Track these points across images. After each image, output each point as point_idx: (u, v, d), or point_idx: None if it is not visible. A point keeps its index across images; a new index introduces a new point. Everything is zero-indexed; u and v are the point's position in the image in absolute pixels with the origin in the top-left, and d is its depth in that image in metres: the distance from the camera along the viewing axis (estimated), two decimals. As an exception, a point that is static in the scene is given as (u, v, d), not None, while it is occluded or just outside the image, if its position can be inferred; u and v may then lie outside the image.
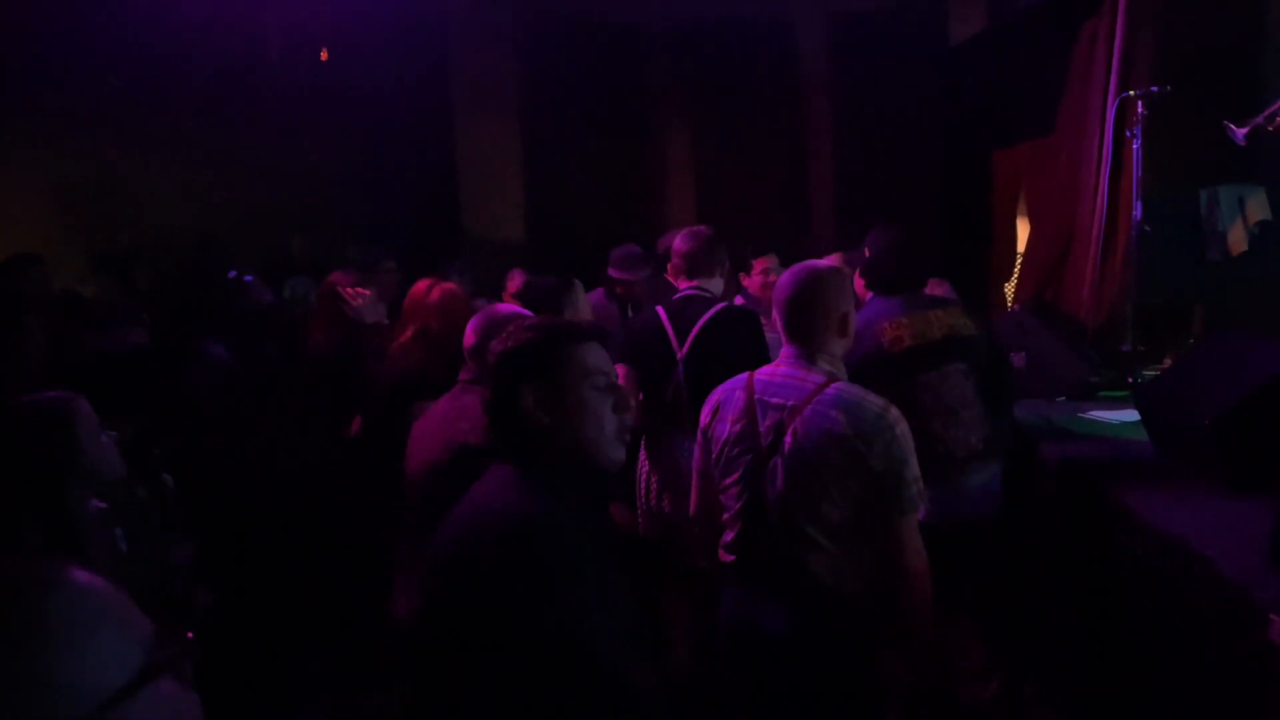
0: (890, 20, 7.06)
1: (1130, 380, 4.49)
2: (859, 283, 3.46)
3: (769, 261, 4.76)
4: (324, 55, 7.09)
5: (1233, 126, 4.28)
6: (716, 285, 3.45)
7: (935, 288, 4.23)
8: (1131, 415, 3.87)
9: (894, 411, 2.43)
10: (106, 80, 6.78)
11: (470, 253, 6.79)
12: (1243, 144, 4.25)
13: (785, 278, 2.56)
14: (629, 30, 7.36)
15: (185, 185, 7.34)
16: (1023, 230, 6.16)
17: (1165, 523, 2.94)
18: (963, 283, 6.29)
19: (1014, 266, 6.08)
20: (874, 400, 2.42)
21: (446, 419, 2.56)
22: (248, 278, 4.92)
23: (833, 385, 2.43)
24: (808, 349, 2.50)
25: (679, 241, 3.50)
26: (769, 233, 6.82)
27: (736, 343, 3.36)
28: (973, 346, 3.36)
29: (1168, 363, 4.75)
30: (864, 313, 3.30)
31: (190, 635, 1.01)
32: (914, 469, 2.40)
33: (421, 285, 3.42)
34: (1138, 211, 4.60)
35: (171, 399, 3.14)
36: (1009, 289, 6.06)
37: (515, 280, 4.90)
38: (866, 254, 3.41)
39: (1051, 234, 5.28)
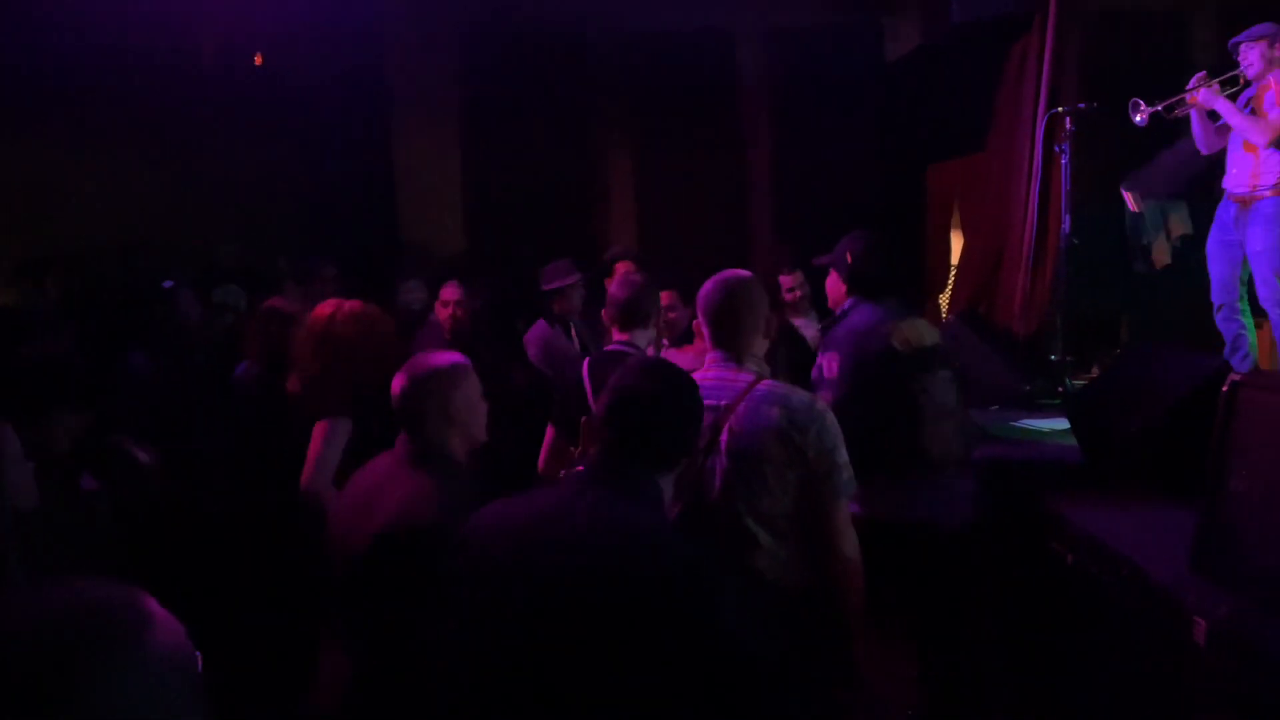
0: (828, 36, 7.16)
1: (1060, 389, 4.60)
2: (839, 287, 3.46)
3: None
4: (258, 60, 6.95)
5: (1141, 103, 4.50)
6: (645, 337, 3.37)
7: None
8: (1061, 423, 3.96)
9: (821, 402, 2.51)
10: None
11: (408, 263, 6.70)
12: (1141, 125, 4.60)
13: (708, 286, 2.62)
14: (571, 41, 7.34)
15: (114, 191, 7.14)
16: (957, 243, 6.29)
17: (1094, 528, 3.00)
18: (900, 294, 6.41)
19: (948, 278, 6.20)
20: (801, 392, 2.50)
21: (376, 496, 2.35)
22: (176, 287, 4.78)
23: (762, 383, 2.49)
24: (734, 351, 2.56)
25: (614, 288, 3.41)
26: (710, 244, 6.88)
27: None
28: (950, 354, 3.43)
29: (1096, 372, 4.88)
30: (858, 316, 3.31)
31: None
32: (844, 455, 2.46)
33: (326, 307, 3.17)
34: (1066, 225, 4.73)
35: (91, 411, 2.99)
36: (943, 300, 6.17)
37: (450, 291, 4.80)
38: (848, 259, 3.40)
39: (984, 247, 5.40)
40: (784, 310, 5.04)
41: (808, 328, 4.88)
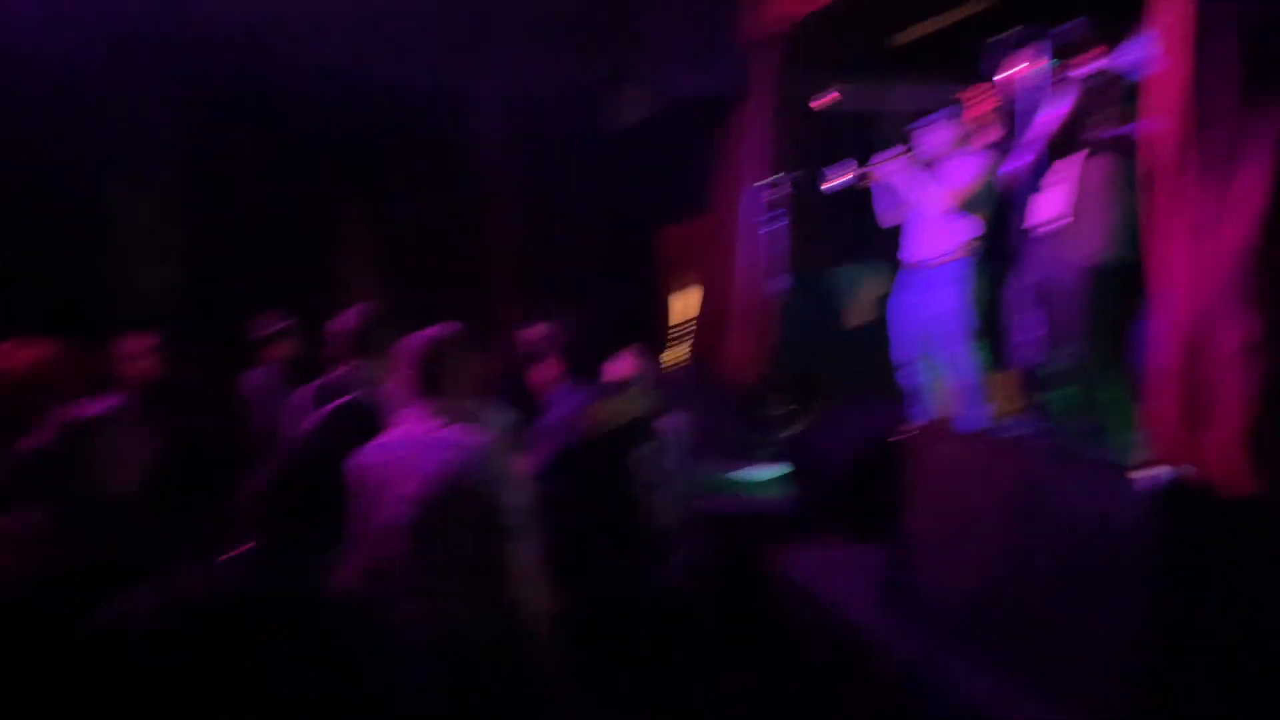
0: (563, 102, 7.36)
1: (776, 440, 4.89)
2: (555, 364, 3.53)
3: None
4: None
5: (839, 171, 4.96)
6: (370, 368, 3.30)
7: (624, 362, 4.34)
8: (777, 471, 4.21)
9: (499, 446, 2.54)
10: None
11: (126, 322, 6.15)
12: (835, 190, 4.97)
13: (412, 341, 2.64)
14: (303, 102, 7.10)
15: None
16: (688, 301, 6.61)
17: (800, 571, 3.20)
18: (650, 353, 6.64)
19: (680, 335, 6.49)
20: (481, 438, 2.52)
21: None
22: None
23: (449, 430, 2.50)
24: (436, 403, 2.56)
25: (342, 319, 3.35)
26: (452, 303, 6.79)
27: (350, 436, 3.24)
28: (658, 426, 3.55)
29: (807, 423, 5.22)
30: (564, 402, 3.38)
31: None
32: (518, 498, 2.49)
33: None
34: (779, 285, 5.08)
35: None
36: (669, 356, 6.44)
37: (133, 344, 4.53)
38: (560, 339, 3.49)
39: (710, 305, 5.71)
40: (524, 364, 5.07)
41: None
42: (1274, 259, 2.52)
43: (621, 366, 3.99)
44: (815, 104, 4.24)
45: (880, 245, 6.05)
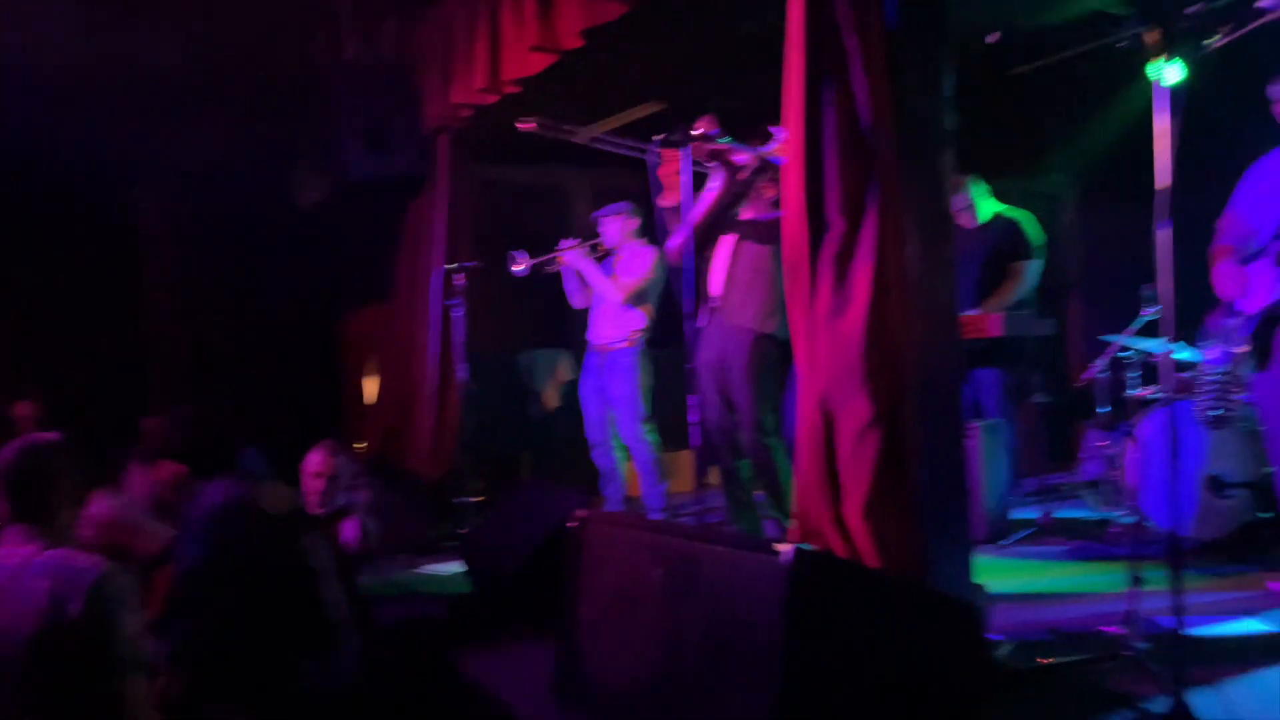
0: (237, 180, 6.96)
1: (459, 533, 4.77)
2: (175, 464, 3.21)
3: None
4: None
5: (522, 256, 5.02)
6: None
7: (316, 455, 4.02)
8: (458, 566, 4.08)
9: (109, 567, 2.26)
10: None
11: None
12: (521, 275, 5.11)
13: (5, 452, 2.31)
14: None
15: None
16: (371, 389, 6.37)
17: (475, 669, 3.08)
18: (317, 443, 6.28)
19: (362, 425, 6.22)
20: (84, 560, 2.24)
21: None
22: None
23: (44, 555, 2.21)
24: (32, 524, 2.26)
25: None
26: (102, 405, 6.11)
27: None
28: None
29: (489, 514, 5.15)
30: (207, 497, 3.05)
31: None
32: (135, 625, 2.23)
33: None
34: (463, 372, 5.02)
35: None
36: (359, 448, 6.15)
37: None
38: (181, 435, 3.19)
39: (393, 393, 5.53)
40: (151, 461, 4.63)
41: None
42: (883, 346, 2.80)
43: (314, 459, 3.76)
44: (521, 125, 4.31)
45: (569, 328, 6.20)
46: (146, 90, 6.13)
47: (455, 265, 5.11)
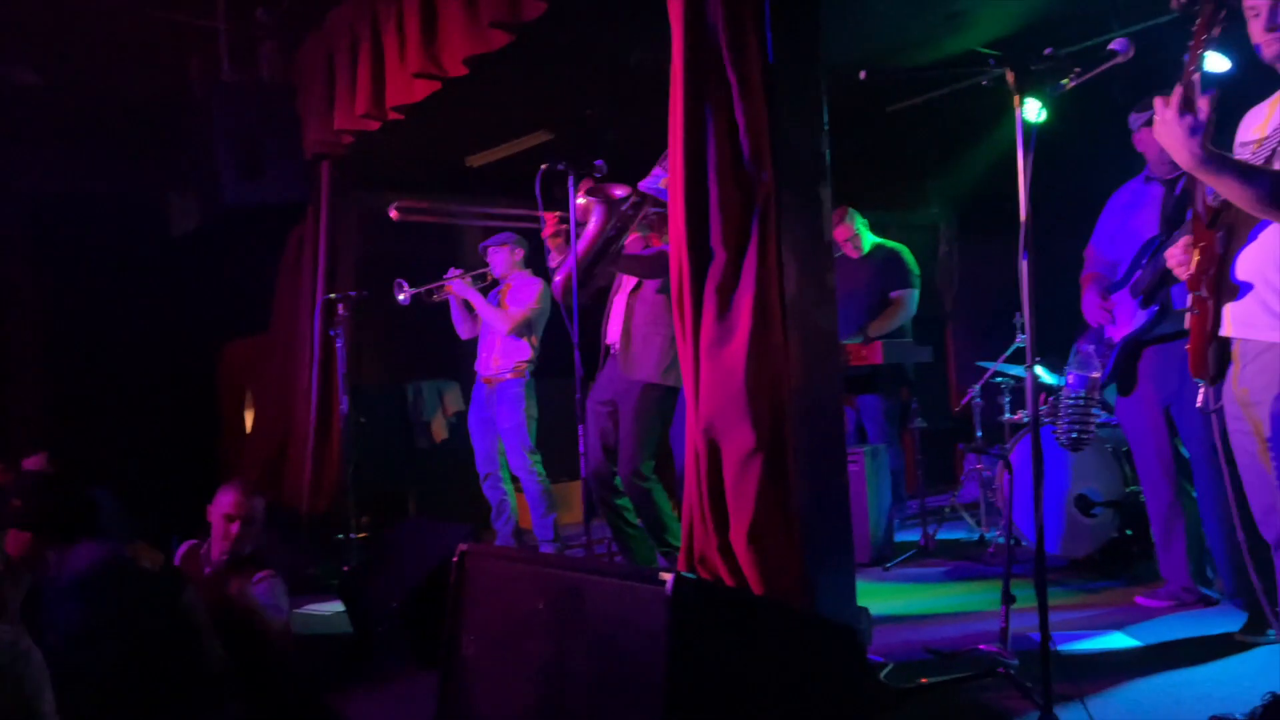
0: (106, 204, 6.64)
1: (345, 569, 4.61)
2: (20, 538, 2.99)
3: None
4: None
5: (405, 284, 4.94)
6: None
7: (225, 497, 3.79)
8: (341, 605, 3.93)
9: (24, 641, 2.13)
10: None
11: None
12: (404, 303, 5.11)
13: None
14: None
15: None
16: (249, 424, 6.12)
17: (359, 712, 2.97)
18: (192, 478, 5.99)
19: (239, 460, 5.97)
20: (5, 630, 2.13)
21: None
22: None
23: None
24: None
25: None
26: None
27: None
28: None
29: (374, 549, 5.00)
30: (76, 560, 2.87)
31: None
32: (50, 703, 2.09)
33: None
34: (345, 405, 4.88)
35: None
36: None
37: None
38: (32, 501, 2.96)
39: (271, 427, 5.33)
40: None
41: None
42: (765, 374, 2.83)
43: (225, 500, 3.53)
44: (393, 212, 4.22)
45: (458, 359, 6.10)
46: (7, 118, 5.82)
47: (337, 294, 4.98)
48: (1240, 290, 2.27)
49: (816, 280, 3.01)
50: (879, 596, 4.04)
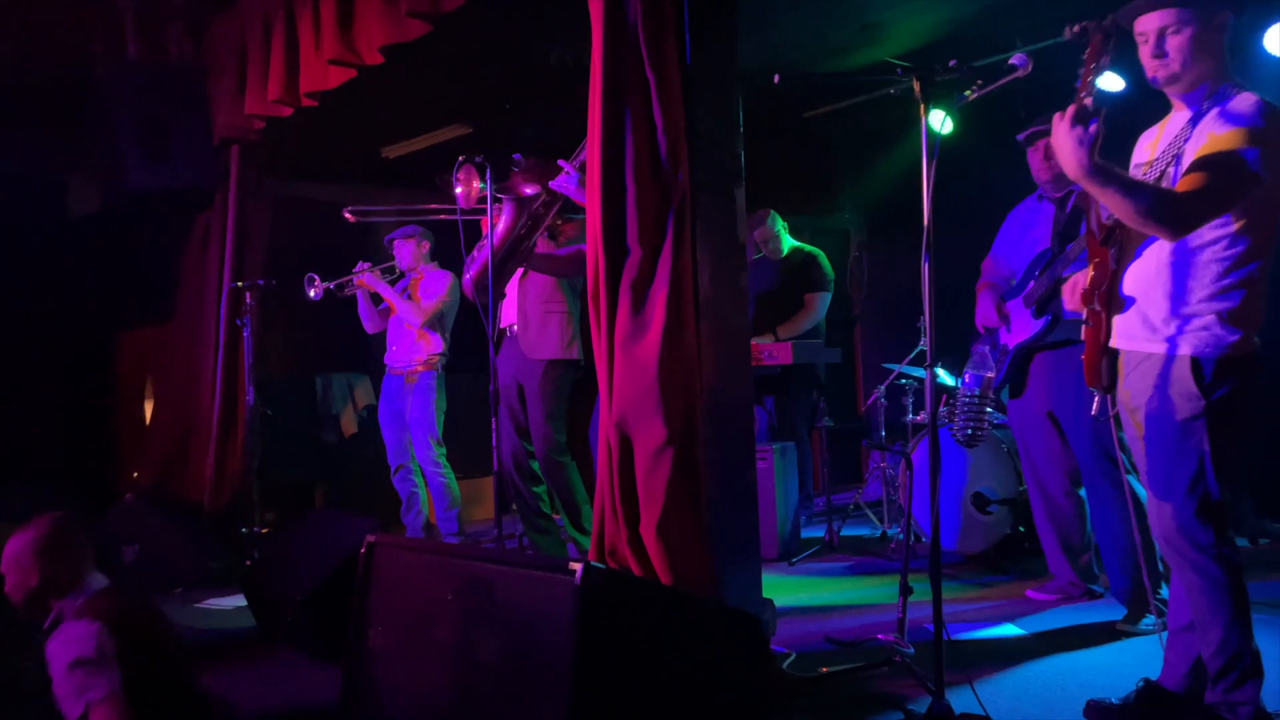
0: (1, 185, 6.35)
1: (248, 562, 4.51)
2: None
3: None
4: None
5: (316, 279, 4.91)
6: None
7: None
8: (243, 599, 3.85)
9: None
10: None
11: None
12: (315, 299, 5.04)
13: None
14: None
15: None
16: (150, 415, 5.93)
17: (259, 706, 2.92)
18: (87, 471, 5.77)
19: (140, 452, 5.78)
20: None
21: None
22: None
23: None
24: None
25: None
26: None
27: None
28: None
29: (277, 542, 4.91)
30: None
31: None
32: None
33: None
34: (251, 396, 4.77)
35: None
36: (136, 476, 5.71)
37: None
38: None
39: (173, 419, 5.18)
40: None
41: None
42: (678, 370, 2.88)
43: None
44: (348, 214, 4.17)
45: (369, 351, 6.01)
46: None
47: (244, 283, 4.86)
48: (1126, 304, 2.41)
49: (730, 279, 3.07)
50: (785, 590, 4.13)
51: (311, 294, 5.02)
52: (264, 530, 4.82)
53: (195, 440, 5.08)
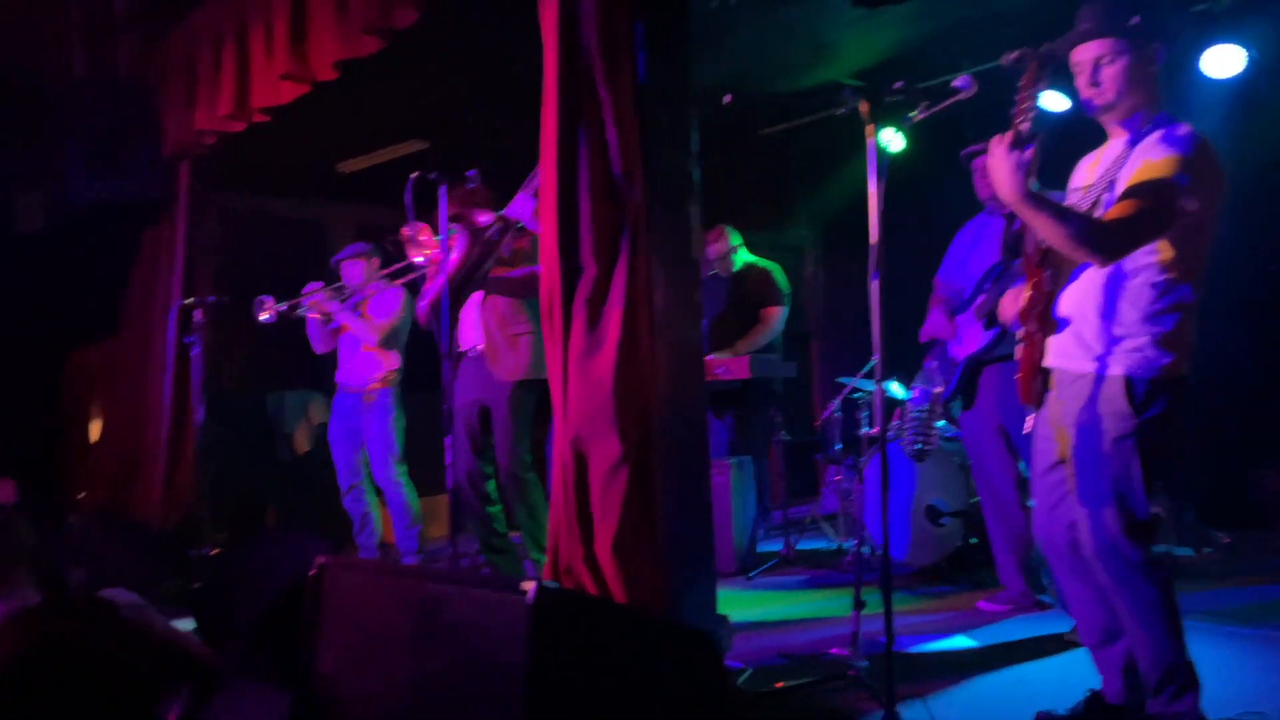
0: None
1: (196, 585, 4.43)
2: None
3: None
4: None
5: (268, 301, 4.83)
6: None
7: None
8: (193, 621, 3.78)
9: None
10: None
11: None
12: (268, 321, 4.93)
13: None
14: None
15: None
16: (97, 433, 5.81)
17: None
18: (32, 491, 5.63)
19: (88, 470, 5.66)
20: None
21: None
22: None
23: None
24: None
25: None
26: None
27: None
28: None
29: (227, 563, 4.83)
30: None
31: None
32: None
33: None
34: (200, 415, 4.70)
35: None
36: (83, 497, 5.59)
37: None
38: None
39: (120, 438, 5.08)
40: None
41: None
42: (633, 387, 2.89)
43: None
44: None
45: (321, 369, 5.94)
46: None
47: (194, 300, 4.79)
48: (1060, 324, 2.47)
49: (684, 296, 3.08)
50: (741, 604, 4.15)
51: (263, 317, 4.95)
52: (214, 552, 4.74)
53: (144, 460, 4.98)
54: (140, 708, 2.52)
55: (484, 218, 3.76)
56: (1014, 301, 2.62)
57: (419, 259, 3.87)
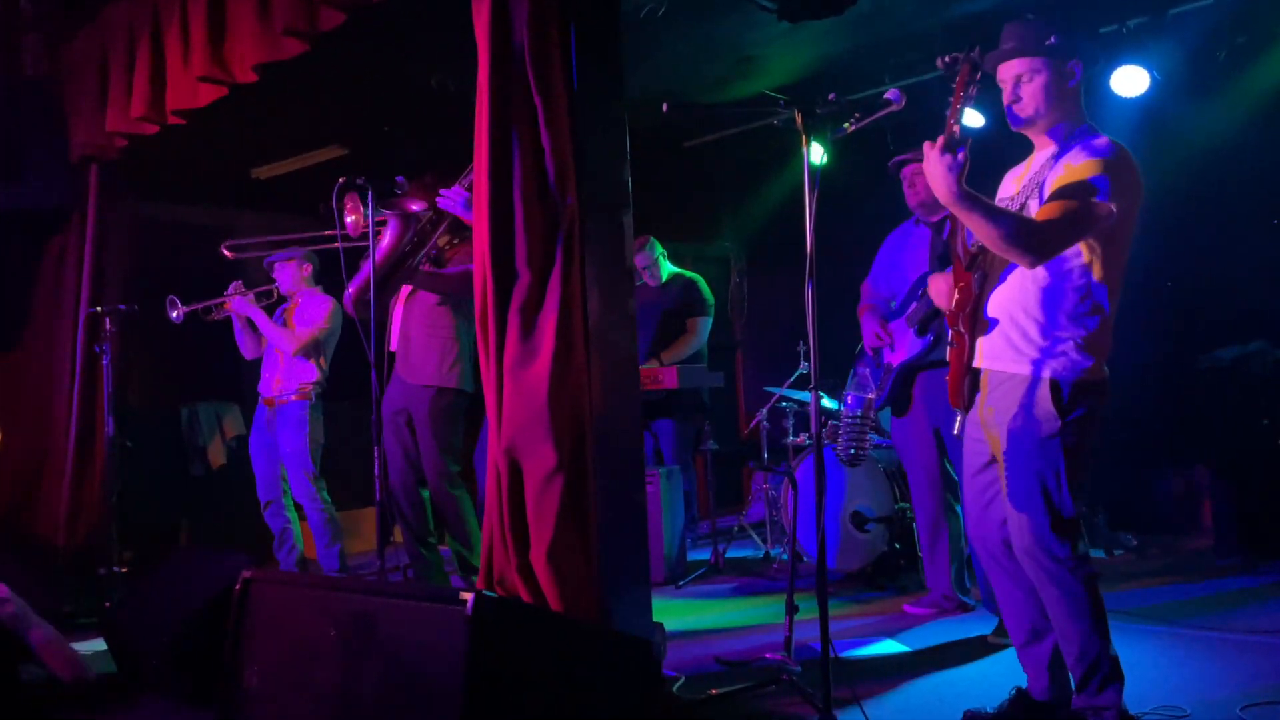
0: None
1: (107, 605, 4.25)
2: None
3: None
4: None
5: (178, 301, 4.81)
6: None
7: None
8: (100, 644, 3.62)
9: None
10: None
11: None
12: (177, 321, 4.85)
13: None
14: None
15: None
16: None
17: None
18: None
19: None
20: None
21: None
22: None
23: None
24: None
25: None
26: None
27: None
28: None
29: (141, 581, 4.64)
30: None
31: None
32: None
33: None
34: (110, 427, 4.51)
35: None
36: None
37: None
38: None
39: (23, 451, 4.83)
40: None
41: None
42: (567, 395, 2.86)
43: None
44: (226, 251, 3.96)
45: (239, 380, 5.76)
46: None
47: (103, 308, 4.59)
48: (989, 326, 2.53)
49: (618, 304, 3.07)
50: (673, 613, 4.14)
51: (173, 315, 4.79)
52: (124, 570, 4.54)
53: (48, 474, 4.74)
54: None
55: (417, 205, 3.71)
56: (944, 283, 2.67)
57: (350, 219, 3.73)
